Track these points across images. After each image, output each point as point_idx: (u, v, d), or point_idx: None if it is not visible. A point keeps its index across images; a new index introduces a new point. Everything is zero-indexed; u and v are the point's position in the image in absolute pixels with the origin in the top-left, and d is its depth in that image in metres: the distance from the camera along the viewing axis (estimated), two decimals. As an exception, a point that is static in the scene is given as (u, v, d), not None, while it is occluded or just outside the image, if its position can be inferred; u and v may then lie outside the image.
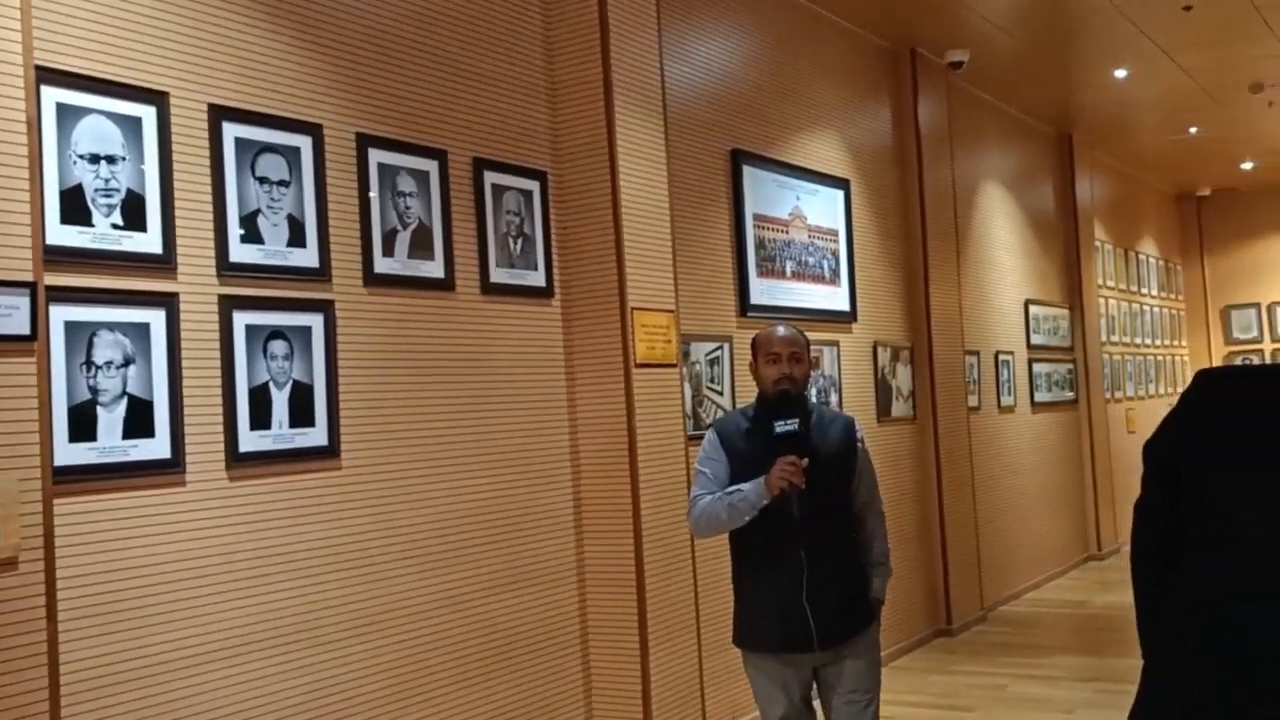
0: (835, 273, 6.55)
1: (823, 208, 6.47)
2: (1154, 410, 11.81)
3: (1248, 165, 11.70)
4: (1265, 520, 2.02)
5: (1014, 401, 8.78)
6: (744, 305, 5.74)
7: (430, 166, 4.19)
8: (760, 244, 5.91)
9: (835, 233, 6.57)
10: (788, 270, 6.12)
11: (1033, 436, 9.16)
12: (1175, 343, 12.92)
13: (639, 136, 4.80)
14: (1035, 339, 9.24)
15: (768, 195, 6.01)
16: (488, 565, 4.29)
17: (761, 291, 5.88)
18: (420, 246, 4.12)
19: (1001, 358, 8.61)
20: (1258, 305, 13.06)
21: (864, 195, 6.99)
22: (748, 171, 5.84)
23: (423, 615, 4.01)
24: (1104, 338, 10.55)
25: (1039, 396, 9.22)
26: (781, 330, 3.49)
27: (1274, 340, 12.96)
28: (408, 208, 4.09)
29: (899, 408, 7.11)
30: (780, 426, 3.24)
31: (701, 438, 5.32)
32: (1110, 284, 11.02)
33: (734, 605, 3.53)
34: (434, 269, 4.17)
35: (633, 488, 4.65)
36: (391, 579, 3.89)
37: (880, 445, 6.84)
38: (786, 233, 6.13)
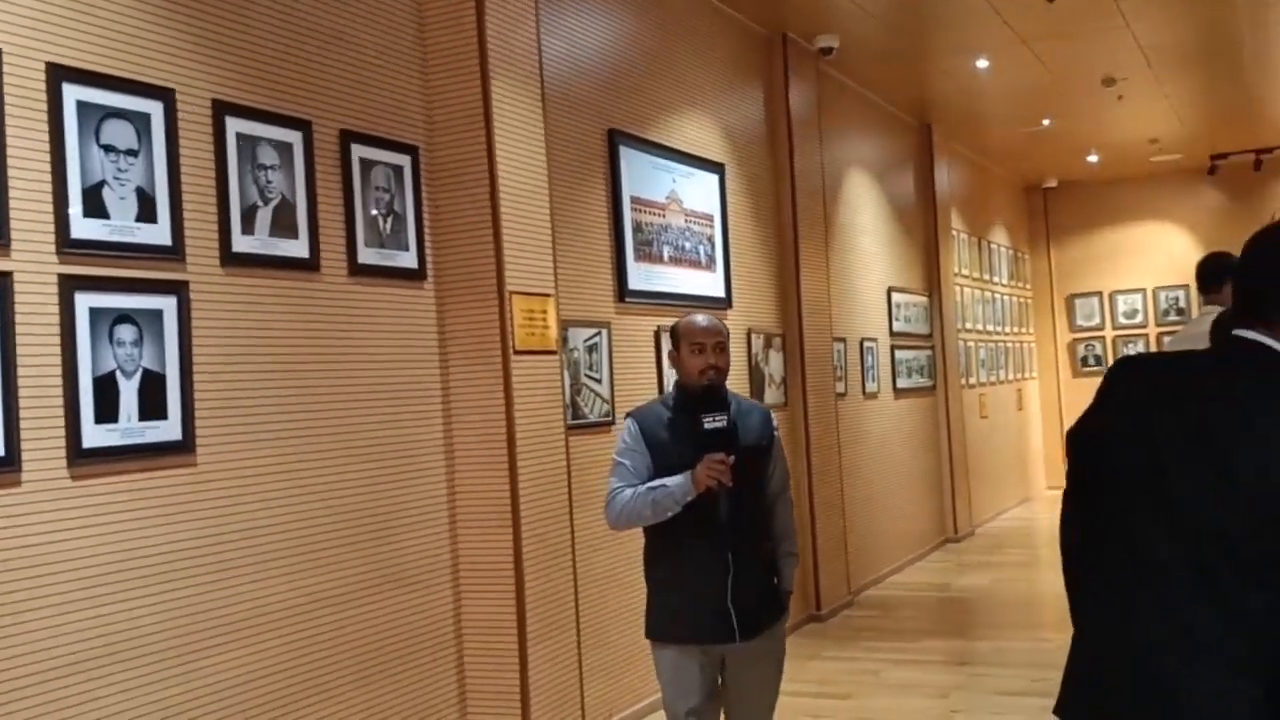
0: (711, 258, 6.44)
1: (699, 191, 6.35)
2: (1004, 396, 12.15)
3: (1093, 158, 12.11)
4: (1154, 506, 1.95)
5: (878, 388, 8.86)
6: (622, 290, 5.58)
7: (294, 138, 3.89)
8: (638, 227, 5.75)
9: (711, 217, 6.46)
10: (665, 255, 5.98)
11: (895, 422, 9.27)
12: (1023, 330, 13.31)
13: (516, 111, 4.57)
14: (897, 326, 9.35)
15: (645, 177, 5.86)
16: (357, 566, 4.03)
17: (640, 276, 5.72)
18: (283, 224, 3.83)
19: (866, 344, 8.68)
20: (1099, 293, 13.56)
21: (738, 180, 6.91)
22: (625, 152, 5.67)
23: (287, 622, 3.72)
24: (959, 325, 10.76)
25: (901, 383, 9.33)
26: (704, 319, 3.41)
27: (1114, 328, 13.48)
28: (269, 182, 3.79)
29: (770, 394, 7.06)
30: (709, 422, 3.18)
31: (581, 428, 5.19)
32: (965, 272, 11.26)
33: (649, 597, 3.42)
34: (297, 248, 3.88)
35: (511, 481, 4.44)
36: (253, 584, 3.60)
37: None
38: (663, 216, 5.99)
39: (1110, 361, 13.23)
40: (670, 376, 5.91)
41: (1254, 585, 1.82)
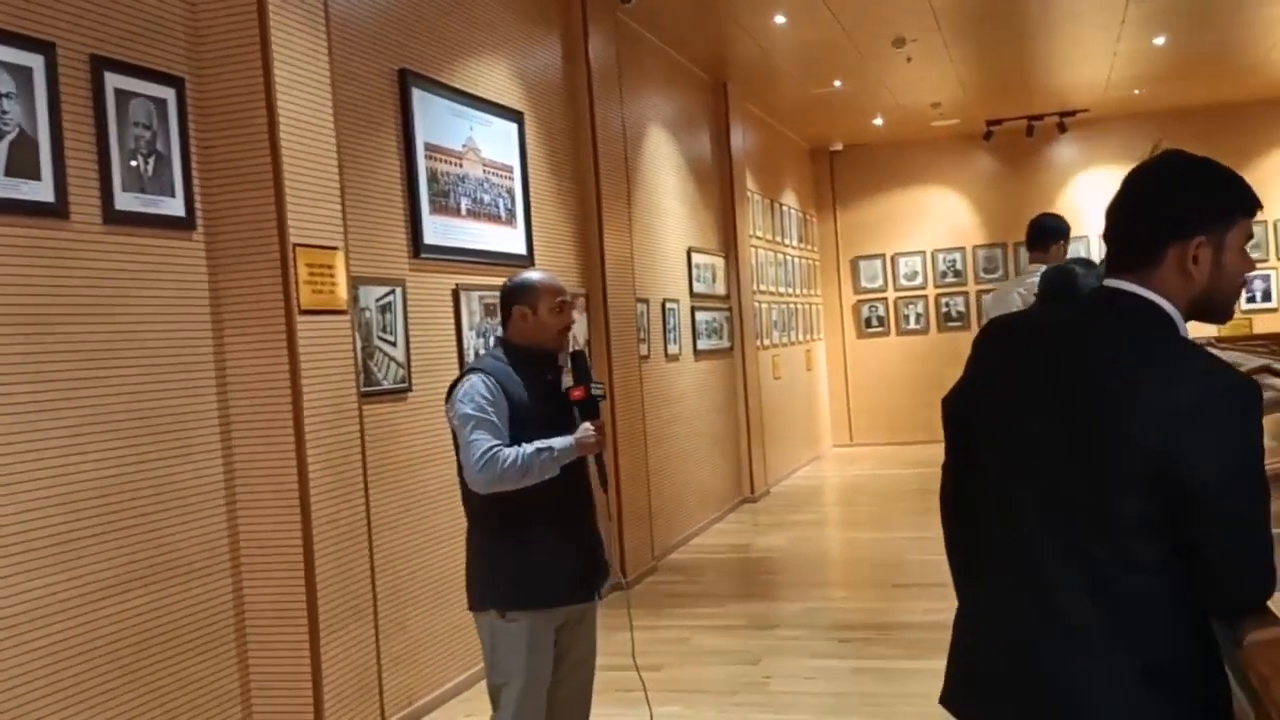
0: (511, 213, 6.07)
1: (497, 141, 5.96)
2: (795, 357, 12.28)
3: (878, 121, 12.31)
4: (1024, 474, 1.79)
5: (679, 350, 8.71)
6: (417, 245, 5.15)
7: (34, 62, 3.32)
8: (433, 177, 5.32)
9: (510, 169, 6.08)
10: (463, 208, 5.58)
11: (696, 384, 9.16)
12: (811, 291, 13.50)
13: (298, 42, 4.08)
14: (698, 287, 9.22)
15: (440, 123, 5.43)
16: (116, 556, 3.51)
17: (436, 230, 5.31)
18: (22, 162, 3.26)
19: (668, 305, 8.50)
20: (883, 256, 13.89)
21: (538, 131, 6.55)
22: (418, 95, 5.23)
23: (35, 621, 3.20)
24: (754, 286, 10.76)
25: (701, 344, 9.22)
26: (553, 276, 3.39)
27: (896, 289, 13.84)
28: (4, 112, 3.21)
29: (574, 357, 6.77)
30: (596, 389, 3.28)
31: (375, 396, 4.76)
32: (759, 234, 11.26)
33: (505, 564, 3.22)
34: (41, 191, 3.31)
35: (299, 455, 3.99)
36: (-10, 585, 3.06)
37: (556, 397, 6.48)
38: (460, 166, 5.58)
39: (893, 322, 13.61)
40: (473, 339, 5.56)
41: (1127, 567, 1.66)
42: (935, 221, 13.67)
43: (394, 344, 4.92)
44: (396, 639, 4.77)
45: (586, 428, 3.22)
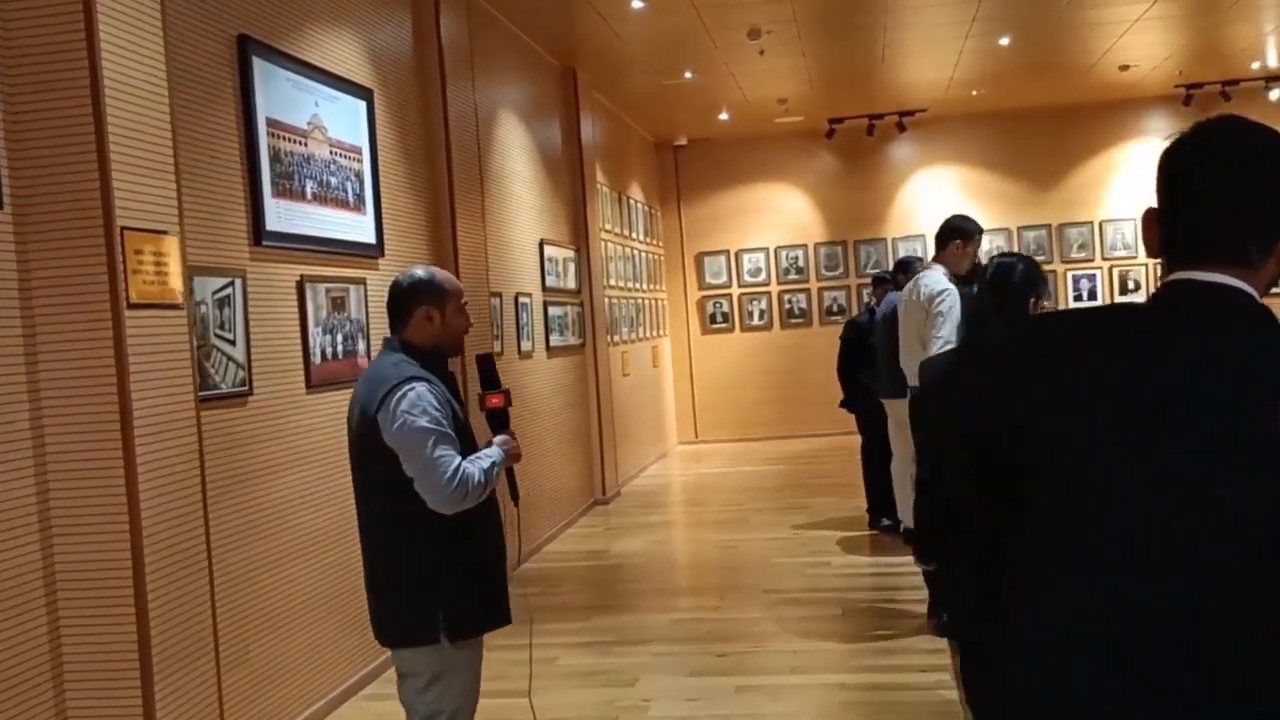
0: (360, 198, 5.57)
1: (344, 119, 5.45)
2: (643, 353, 12.03)
3: (724, 116, 12.17)
4: (1156, 522, 1.43)
5: (532, 346, 8.32)
6: (258, 232, 4.62)
7: None
8: (276, 156, 4.79)
9: (359, 150, 5.58)
10: (308, 191, 5.06)
11: (549, 382, 8.78)
12: (657, 287, 13.28)
13: (126, -7, 3.53)
14: (550, 281, 8.84)
15: (283, 97, 4.89)
16: (-94, 599, 2.92)
17: (279, 215, 4.78)
18: None
19: (521, 300, 8.09)
20: (727, 252, 13.78)
21: (388, 111, 6.05)
22: (259, 65, 4.69)
23: None
24: (604, 281, 10.44)
25: (553, 340, 8.84)
26: (450, 274, 3.16)
27: (740, 286, 13.74)
28: None
29: (427, 355, 6.31)
30: (497, 400, 3.15)
31: (213, 400, 4.21)
32: (609, 228, 10.95)
33: (448, 589, 2.93)
34: None
35: (128, 470, 3.45)
36: None
37: (409, 399, 6.01)
38: (306, 145, 5.06)
39: (737, 319, 13.50)
40: (319, 336, 5.05)
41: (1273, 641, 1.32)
42: (778, 218, 13.64)
43: (233, 342, 4.39)
44: (239, 672, 4.25)
45: (507, 439, 3.07)
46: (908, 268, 7.82)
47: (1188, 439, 1.39)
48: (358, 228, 5.52)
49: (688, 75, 10.21)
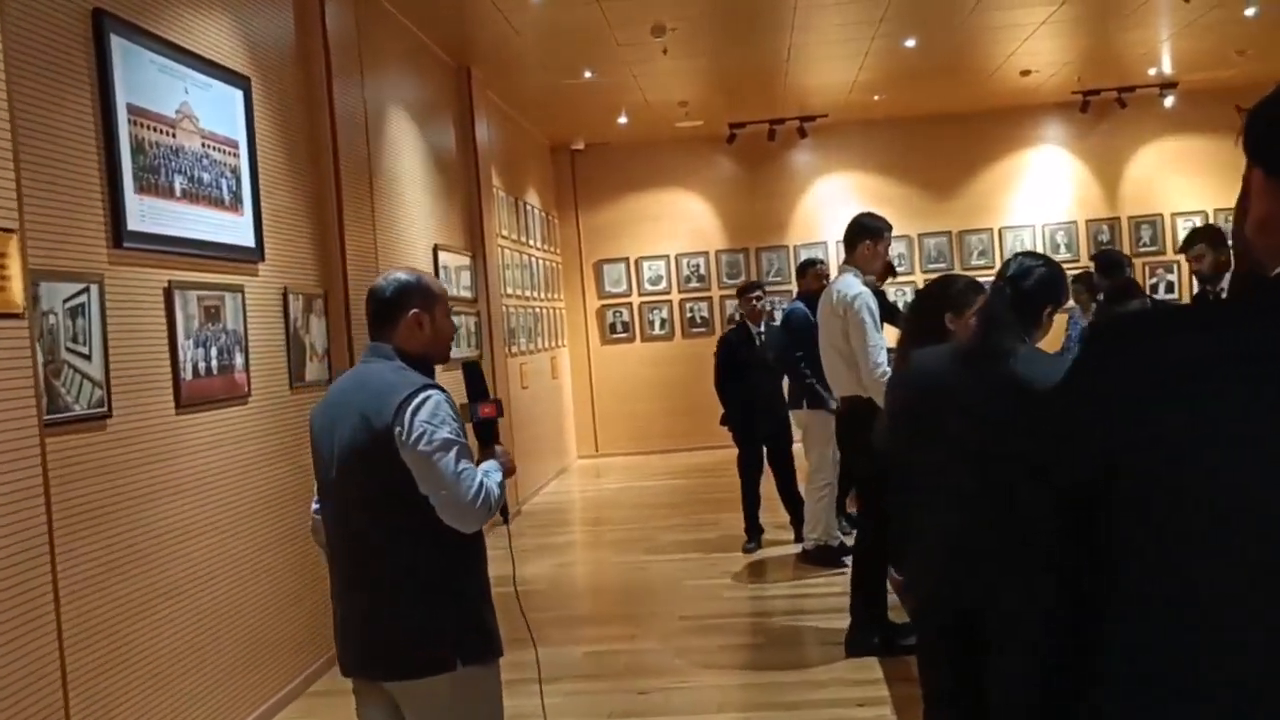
0: (237, 196, 5.04)
1: (218, 109, 4.92)
2: (541, 365, 11.59)
3: (623, 120, 11.81)
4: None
5: (426, 358, 7.81)
6: (118, 233, 4.08)
7: None
8: (139, 147, 4.25)
9: (235, 144, 5.06)
10: (177, 187, 4.52)
11: (445, 397, 8.28)
12: (554, 296, 12.85)
13: (-51, -52, 2.99)
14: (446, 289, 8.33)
15: (148, 82, 4.36)
16: None
17: (143, 214, 4.24)
18: None
19: (414, 309, 7.59)
20: (626, 260, 13.41)
21: (268, 102, 5.53)
22: (118, 44, 4.15)
23: None
24: (501, 289, 9.99)
25: (452, 353, 8.33)
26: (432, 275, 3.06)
27: (640, 295, 13.39)
28: None
29: (314, 370, 5.79)
30: (489, 410, 2.88)
31: (63, 424, 3.67)
32: (505, 234, 10.49)
33: (473, 612, 2.68)
34: None
35: (-48, 512, 2.90)
36: None
37: (291, 419, 5.50)
38: (174, 136, 4.52)
39: (638, 328, 13.13)
40: (190, 350, 4.52)
41: None
42: (679, 225, 13.33)
43: (88, 357, 3.84)
44: (95, 736, 3.70)
45: (502, 451, 2.83)
46: (806, 272, 7.56)
47: None
48: (234, 229, 4.99)
49: (588, 75, 9.83)
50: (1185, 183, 12.68)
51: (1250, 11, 8.96)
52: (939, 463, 3.05)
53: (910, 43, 9.40)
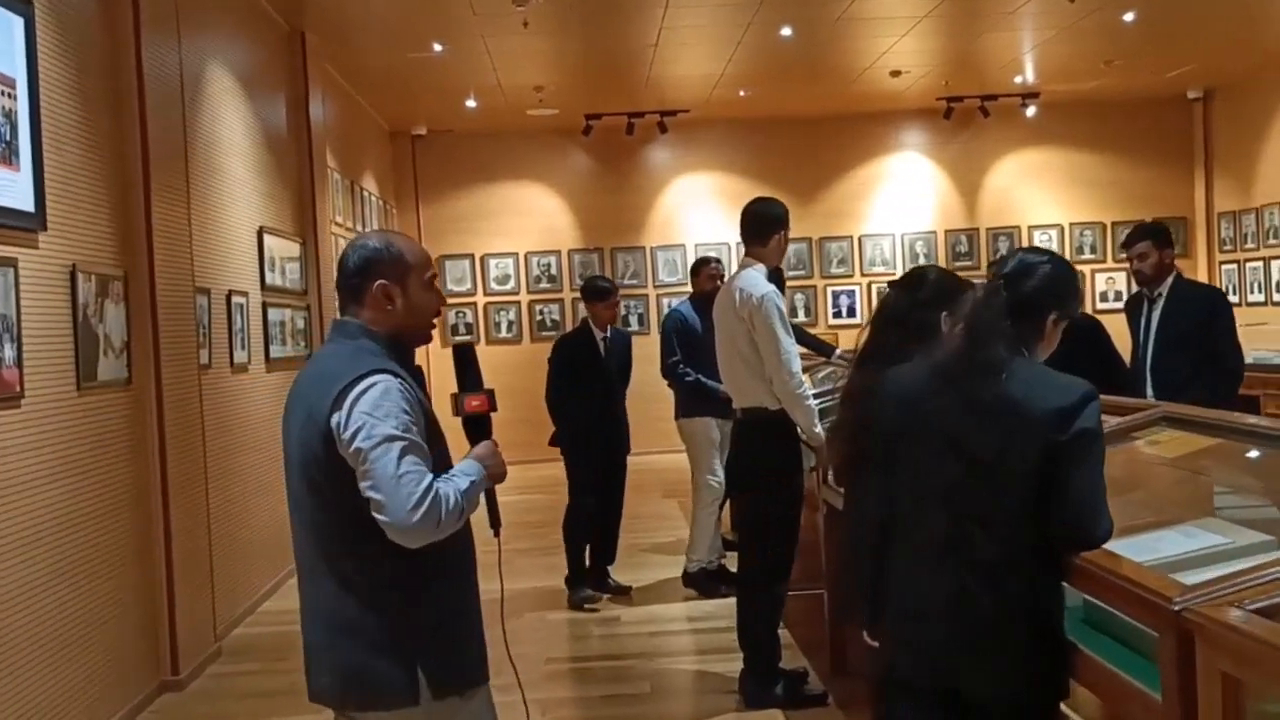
0: (11, 149, 4.01)
1: (-13, 36, 3.89)
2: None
3: (471, 104, 10.93)
4: None
5: (248, 357, 6.79)
6: None
7: None
8: None
9: (11, 81, 4.02)
10: (-77, 127, 3.49)
11: (271, 401, 7.25)
12: (391, 293, 11.83)
13: None
14: (271, 278, 7.32)
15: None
16: None
17: None
18: None
19: (235, 300, 6.57)
20: (471, 256, 12.52)
21: (58, 37, 4.50)
22: None
23: None
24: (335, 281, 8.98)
25: (274, 351, 7.33)
26: (412, 240, 2.58)
27: (487, 294, 12.52)
28: None
29: (109, 367, 4.76)
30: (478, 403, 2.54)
31: None
32: (340, 220, 9.49)
33: (431, 633, 2.37)
34: None
35: None
36: None
37: (79, 426, 4.49)
38: (-80, 61, 3.49)
39: (483, 330, 12.26)
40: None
41: None
42: (529, 221, 12.52)
43: None
44: None
45: (491, 451, 2.47)
46: (699, 270, 6.86)
47: None
48: (6, 187, 3.96)
49: (437, 48, 8.93)
50: (1043, 195, 12.59)
51: (1129, 16, 8.75)
52: (918, 507, 2.38)
53: (786, 31, 8.85)
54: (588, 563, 6.46)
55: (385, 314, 2.41)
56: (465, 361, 2.59)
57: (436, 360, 10.11)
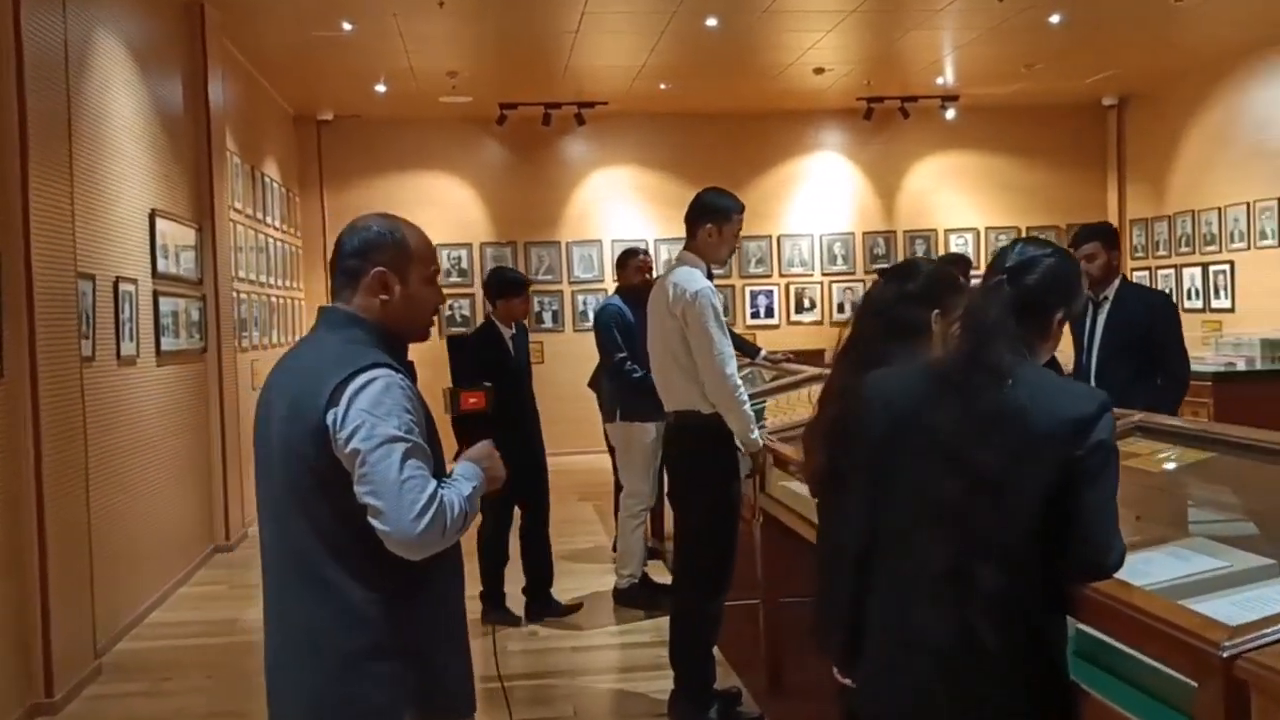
0: None
1: None
2: (275, 361, 10.07)
3: (381, 88, 10.47)
4: None
5: (136, 349, 6.29)
6: None
7: None
8: None
9: None
10: None
11: (160, 397, 6.76)
12: (293, 284, 11.32)
13: None
14: (163, 265, 6.82)
15: None
16: None
17: None
18: None
19: (123, 288, 6.07)
20: (378, 248, 12.02)
21: (-83, -14, 4.02)
22: None
23: None
24: (233, 272, 8.48)
25: (165, 343, 6.83)
26: (419, 229, 2.33)
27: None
28: None
29: (-25, 359, 4.29)
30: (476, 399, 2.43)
31: None
32: (240, 207, 8.97)
33: (416, 652, 2.16)
34: None
35: None
36: None
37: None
38: None
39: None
40: None
41: None
42: (439, 214, 12.02)
43: None
44: None
45: (489, 454, 2.33)
46: (626, 263, 6.53)
47: None
48: None
49: (346, 27, 8.47)
50: (959, 199, 12.56)
51: (1055, 18, 8.68)
52: (911, 531, 2.09)
53: (712, 22, 8.59)
54: (524, 585, 5.98)
55: (380, 303, 2.23)
56: (461, 355, 2.32)
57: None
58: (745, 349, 7.04)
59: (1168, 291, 10.81)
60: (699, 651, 4.35)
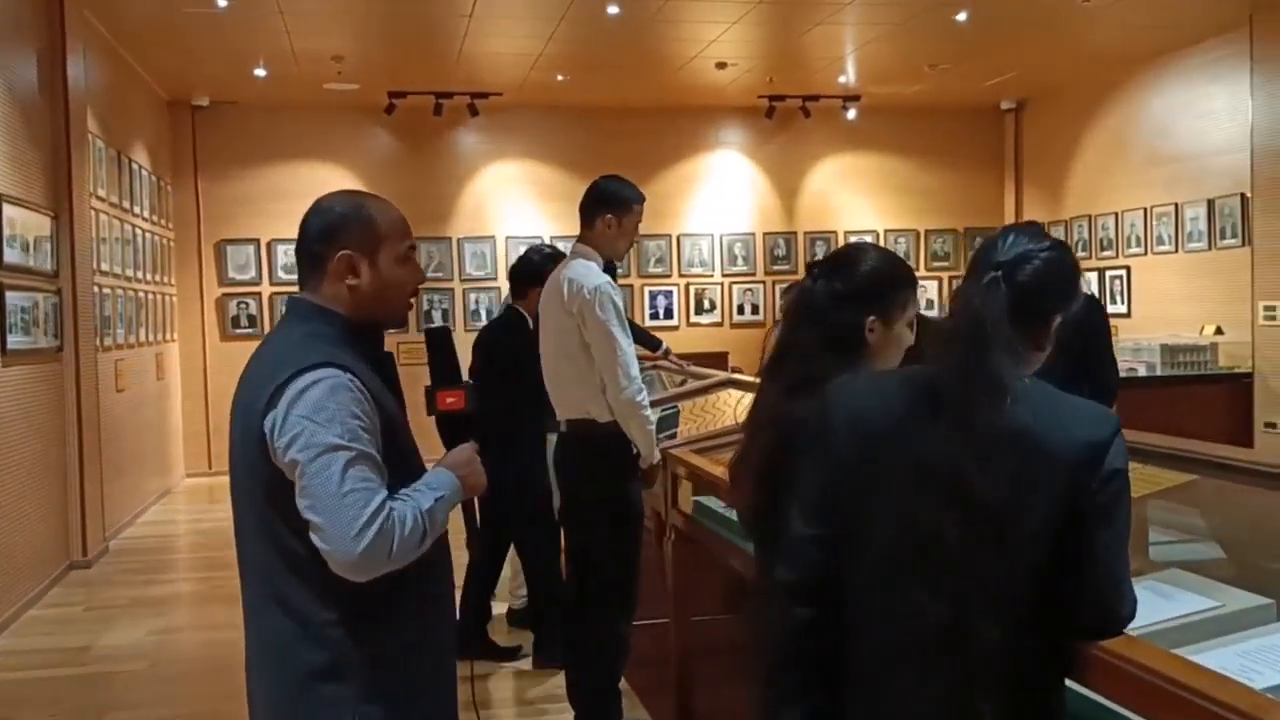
0: None
1: None
2: (144, 362, 9.43)
3: (261, 72, 9.88)
4: None
5: (-21, 349, 5.68)
6: None
7: None
8: None
9: None
10: None
11: (9, 399, 6.14)
12: (164, 279, 10.61)
13: None
14: (11, 255, 6.20)
15: None
16: None
17: None
18: None
19: (-39, 279, 5.46)
20: (257, 241, 11.38)
21: None
22: None
23: None
24: (95, 264, 7.83)
25: (14, 341, 6.20)
26: (389, 204, 2.20)
27: (272, 284, 11.40)
28: None
29: None
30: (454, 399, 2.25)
31: None
32: (103, 195, 8.31)
33: (379, 677, 1.99)
34: None
35: None
36: None
37: None
38: None
39: (266, 322, 11.20)
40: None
41: None
42: (321, 205, 11.48)
43: None
44: None
45: (469, 458, 2.11)
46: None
47: None
48: None
49: (221, 3, 7.88)
50: (859, 200, 12.43)
51: (962, 16, 8.54)
52: (893, 581, 1.73)
53: (613, 10, 8.23)
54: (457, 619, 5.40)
55: (348, 290, 2.08)
56: (438, 349, 2.30)
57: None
58: (648, 342, 6.64)
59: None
60: (605, 683, 3.98)
